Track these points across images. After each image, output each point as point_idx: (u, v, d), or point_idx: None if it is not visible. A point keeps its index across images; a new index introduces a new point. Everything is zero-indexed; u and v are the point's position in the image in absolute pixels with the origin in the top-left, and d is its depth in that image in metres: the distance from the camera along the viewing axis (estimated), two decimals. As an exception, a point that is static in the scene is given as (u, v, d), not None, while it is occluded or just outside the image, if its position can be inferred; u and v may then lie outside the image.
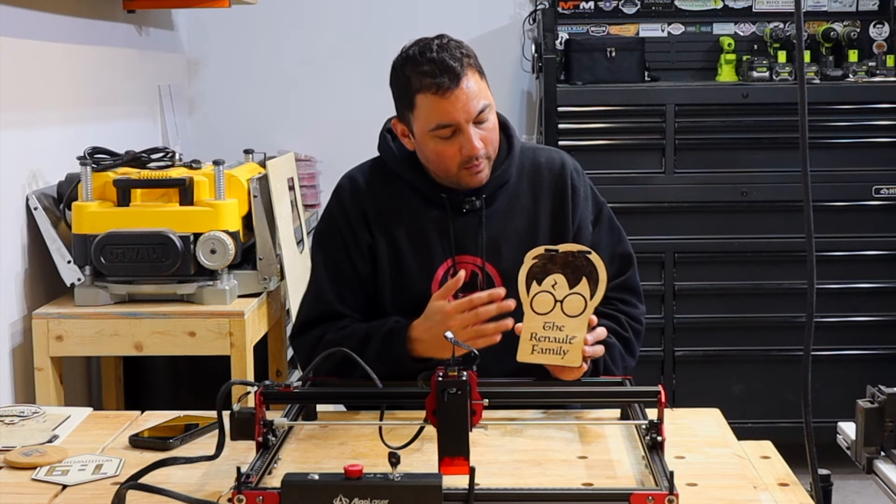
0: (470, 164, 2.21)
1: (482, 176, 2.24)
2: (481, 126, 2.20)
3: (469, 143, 2.18)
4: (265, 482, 1.70)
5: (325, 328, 2.25)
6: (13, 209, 2.92)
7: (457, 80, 2.15)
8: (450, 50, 2.18)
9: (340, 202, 2.32)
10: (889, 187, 4.12)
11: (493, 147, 2.25)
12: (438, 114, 2.17)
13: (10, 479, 1.83)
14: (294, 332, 2.34)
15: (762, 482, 1.78)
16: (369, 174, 2.35)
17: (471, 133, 2.18)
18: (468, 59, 2.19)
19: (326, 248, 2.32)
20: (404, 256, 2.28)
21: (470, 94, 2.16)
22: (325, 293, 2.29)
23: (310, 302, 2.32)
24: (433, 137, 2.20)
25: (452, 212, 2.27)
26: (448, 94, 2.15)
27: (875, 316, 4.20)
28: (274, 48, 4.66)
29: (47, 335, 2.87)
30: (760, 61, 4.31)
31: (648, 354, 4.13)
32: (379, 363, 2.07)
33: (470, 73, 2.17)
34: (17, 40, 2.97)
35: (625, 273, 2.35)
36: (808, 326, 1.66)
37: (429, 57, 2.17)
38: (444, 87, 2.15)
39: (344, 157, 2.86)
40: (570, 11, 4.57)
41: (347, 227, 2.30)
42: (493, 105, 2.23)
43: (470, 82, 2.17)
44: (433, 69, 2.16)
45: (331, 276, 2.30)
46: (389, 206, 2.30)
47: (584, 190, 2.35)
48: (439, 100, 2.16)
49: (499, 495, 1.62)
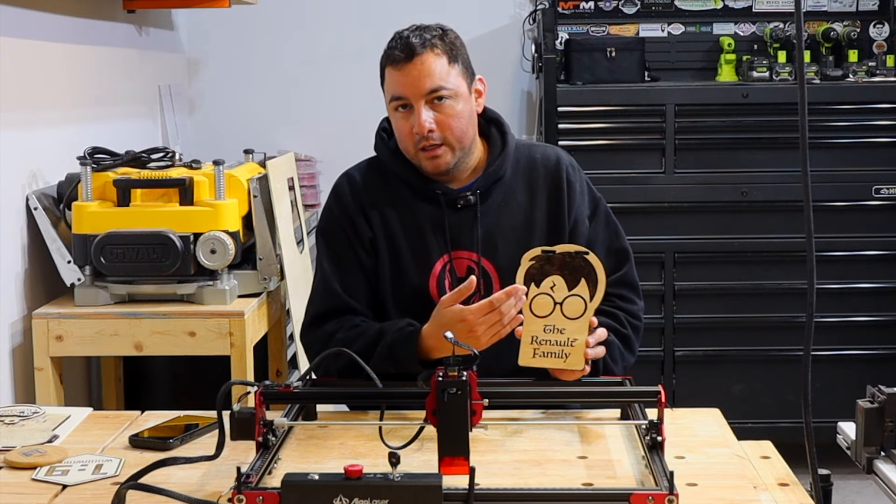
0: (424, 146, 2.25)
1: (440, 162, 2.27)
2: (438, 109, 2.25)
3: (417, 119, 2.24)
4: (265, 482, 1.70)
5: (336, 324, 2.26)
6: (13, 209, 2.92)
7: (411, 55, 2.24)
8: (422, 31, 2.28)
9: (340, 199, 2.35)
10: (889, 187, 4.12)
11: (454, 135, 2.26)
12: (393, 85, 2.27)
13: (10, 479, 1.83)
14: (304, 328, 2.34)
15: (762, 482, 1.78)
16: (366, 172, 2.38)
17: (420, 111, 2.24)
18: (437, 42, 2.26)
19: (330, 244, 2.34)
20: (402, 252, 2.29)
21: (423, 72, 2.24)
22: (333, 287, 2.30)
23: (319, 297, 2.32)
24: (394, 111, 2.29)
25: (447, 207, 2.29)
26: (400, 67, 2.25)
27: (875, 316, 4.19)
28: (274, 48, 4.66)
29: (47, 335, 2.87)
30: (760, 61, 4.31)
31: (648, 354, 4.13)
32: (389, 362, 2.11)
33: (431, 54, 2.25)
34: (17, 40, 2.97)
35: (622, 268, 2.36)
36: (808, 326, 1.66)
37: (401, 34, 2.29)
38: (398, 61, 2.25)
39: (344, 157, 2.86)
40: (570, 11, 4.58)
41: (349, 222, 2.32)
42: (459, 94, 2.27)
43: (428, 61, 2.24)
44: (397, 44, 2.27)
45: (337, 270, 2.31)
46: (386, 203, 2.32)
47: (579, 185, 2.36)
48: (394, 72, 2.27)
49: (499, 495, 1.62)
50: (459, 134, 2.27)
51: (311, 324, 2.31)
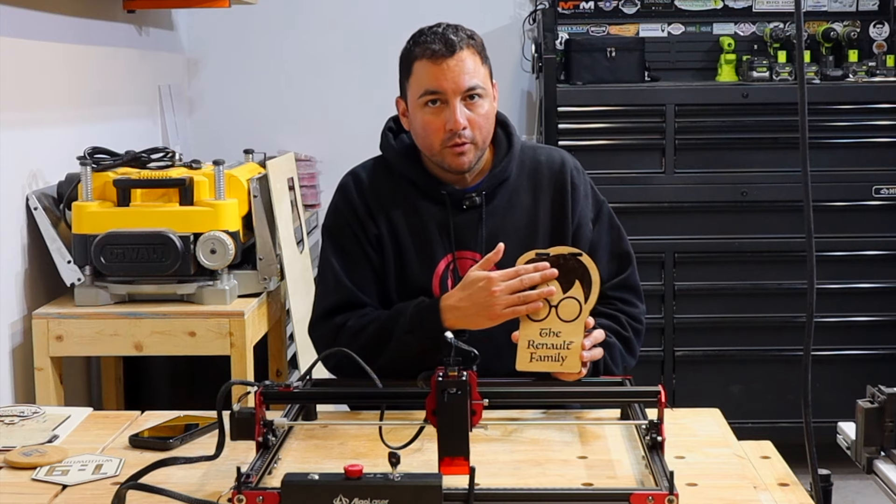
0: (453, 142, 2.24)
1: (465, 159, 2.26)
2: (471, 107, 2.25)
3: (453, 115, 2.23)
4: (265, 482, 1.70)
5: (346, 316, 2.26)
6: (13, 209, 2.92)
7: (452, 50, 2.24)
8: (456, 28, 2.28)
9: (346, 196, 2.35)
10: (889, 187, 4.12)
11: (482, 134, 2.28)
12: (429, 79, 2.25)
13: (10, 479, 1.83)
14: (313, 323, 2.33)
15: (762, 482, 1.78)
16: (372, 171, 2.39)
17: (456, 106, 2.23)
18: (471, 41, 2.28)
19: (337, 241, 2.34)
20: (406, 250, 2.30)
21: (463, 68, 2.24)
22: (342, 281, 2.30)
23: (328, 292, 2.32)
24: (422, 107, 2.26)
25: (453, 208, 2.30)
26: (440, 62, 2.23)
27: (875, 316, 4.19)
28: (274, 48, 4.66)
29: (47, 335, 2.87)
30: (760, 61, 4.31)
31: (648, 354, 4.13)
32: (411, 336, 2.13)
33: (468, 52, 2.26)
34: (17, 40, 2.97)
35: (624, 272, 2.36)
36: (808, 326, 1.66)
37: (433, 30, 2.28)
38: (438, 54, 2.24)
39: (344, 157, 2.86)
40: (570, 11, 4.58)
41: (355, 219, 2.32)
42: (488, 94, 2.29)
43: (466, 59, 2.25)
44: (433, 38, 2.26)
45: (345, 265, 2.31)
46: (392, 202, 2.33)
47: (584, 188, 2.37)
48: (431, 65, 2.24)
49: (499, 495, 1.63)
50: (486, 134, 2.30)
51: (320, 318, 2.31)
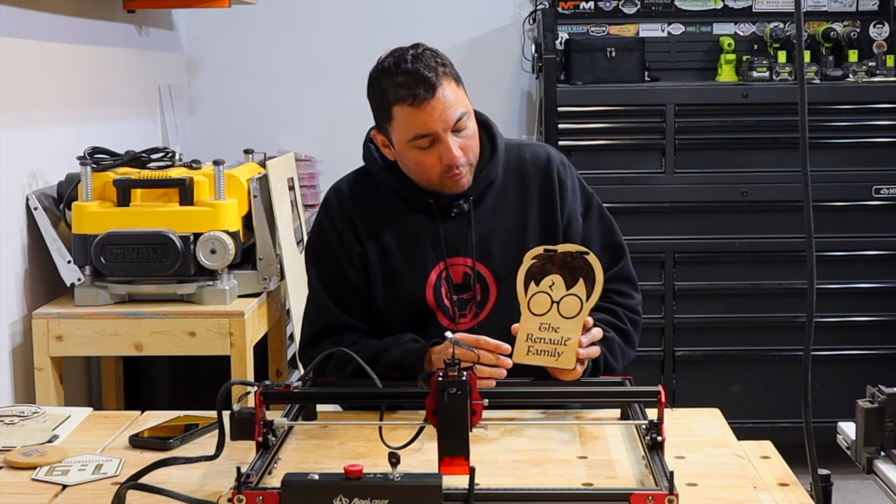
0: (451, 173, 2.21)
1: (464, 182, 2.25)
2: (460, 134, 2.20)
3: (448, 152, 2.18)
4: (265, 482, 1.70)
5: (334, 343, 2.21)
6: (13, 209, 2.92)
7: (432, 90, 2.14)
8: (425, 60, 2.17)
9: (328, 214, 2.32)
10: (889, 187, 4.12)
11: (474, 153, 2.25)
12: (416, 125, 2.16)
13: (10, 479, 1.83)
14: (302, 348, 2.33)
15: (762, 482, 1.78)
16: (354, 184, 2.35)
17: (449, 142, 2.17)
18: (444, 69, 2.18)
19: (319, 262, 2.33)
20: (395, 263, 2.28)
21: (447, 104, 2.15)
22: (326, 305, 2.29)
23: (312, 315, 2.32)
24: (412, 148, 2.20)
25: (441, 216, 2.28)
26: (424, 105, 2.14)
27: (875, 316, 4.19)
28: (274, 48, 4.66)
29: (47, 335, 2.87)
30: (760, 61, 4.31)
31: (648, 354, 4.13)
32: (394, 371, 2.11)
33: (446, 83, 2.16)
34: (17, 40, 2.97)
35: (618, 263, 2.35)
36: (808, 326, 1.66)
37: (403, 68, 2.16)
38: (419, 98, 2.14)
39: (344, 158, 2.86)
40: (570, 11, 4.57)
41: (336, 239, 2.30)
42: (471, 112, 2.23)
43: (446, 91, 2.16)
44: (408, 80, 2.14)
45: (328, 288, 2.30)
46: (377, 215, 2.30)
47: (571, 183, 2.35)
48: (415, 111, 2.15)
49: (499, 495, 1.62)
50: (477, 150, 2.27)
51: (307, 343, 2.31)
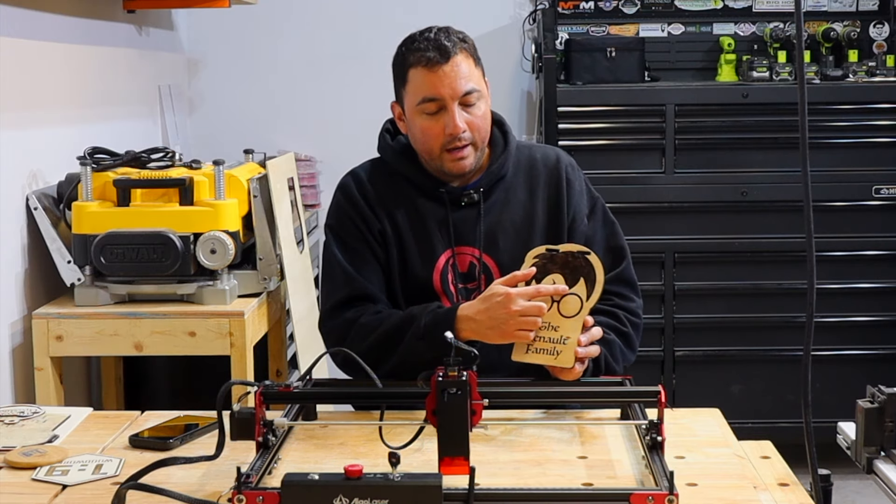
0: (453, 146, 2.27)
1: (465, 163, 2.30)
2: (468, 110, 2.28)
3: (452, 120, 2.26)
4: (265, 482, 1.70)
5: (357, 311, 2.25)
6: (13, 209, 2.92)
7: (446, 56, 2.26)
8: (447, 33, 2.30)
9: (348, 194, 2.37)
10: (889, 187, 4.12)
11: (480, 135, 2.31)
12: (426, 87, 2.27)
13: (10, 479, 1.83)
14: (323, 317, 2.32)
15: (762, 482, 1.78)
16: (370, 171, 2.41)
17: (455, 111, 2.26)
18: (464, 45, 2.30)
19: (342, 237, 2.35)
20: (408, 246, 2.32)
21: (458, 73, 2.26)
22: (351, 275, 2.30)
23: (336, 286, 2.31)
24: (420, 113, 2.29)
25: (451, 205, 2.33)
26: (436, 69, 2.26)
27: (875, 316, 4.19)
28: (274, 48, 4.66)
29: (47, 335, 2.87)
30: (760, 61, 4.31)
31: (648, 354, 4.13)
32: (422, 343, 2.12)
33: (462, 56, 2.28)
34: (17, 40, 2.97)
35: (619, 266, 2.37)
36: (808, 326, 1.66)
37: (426, 36, 2.30)
38: (433, 62, 2.26)
39: (344, 157, 2.86)
40: (570, 11, 4.58)
41: (359, 216, 2.34)
42: (484, 95, 2.32)
43: (460, 63, 2.27)
44: (427, 45, 2.28)
45: (352, 261, 2.32)
46: (392, 201, 2.35)
47: (578, 184, 2.41)
48: (428, 73, 2.26)
49: (499, 495, 1.62)
50: (484, 134, 2.33)
51: (330, 312, 2.30)
